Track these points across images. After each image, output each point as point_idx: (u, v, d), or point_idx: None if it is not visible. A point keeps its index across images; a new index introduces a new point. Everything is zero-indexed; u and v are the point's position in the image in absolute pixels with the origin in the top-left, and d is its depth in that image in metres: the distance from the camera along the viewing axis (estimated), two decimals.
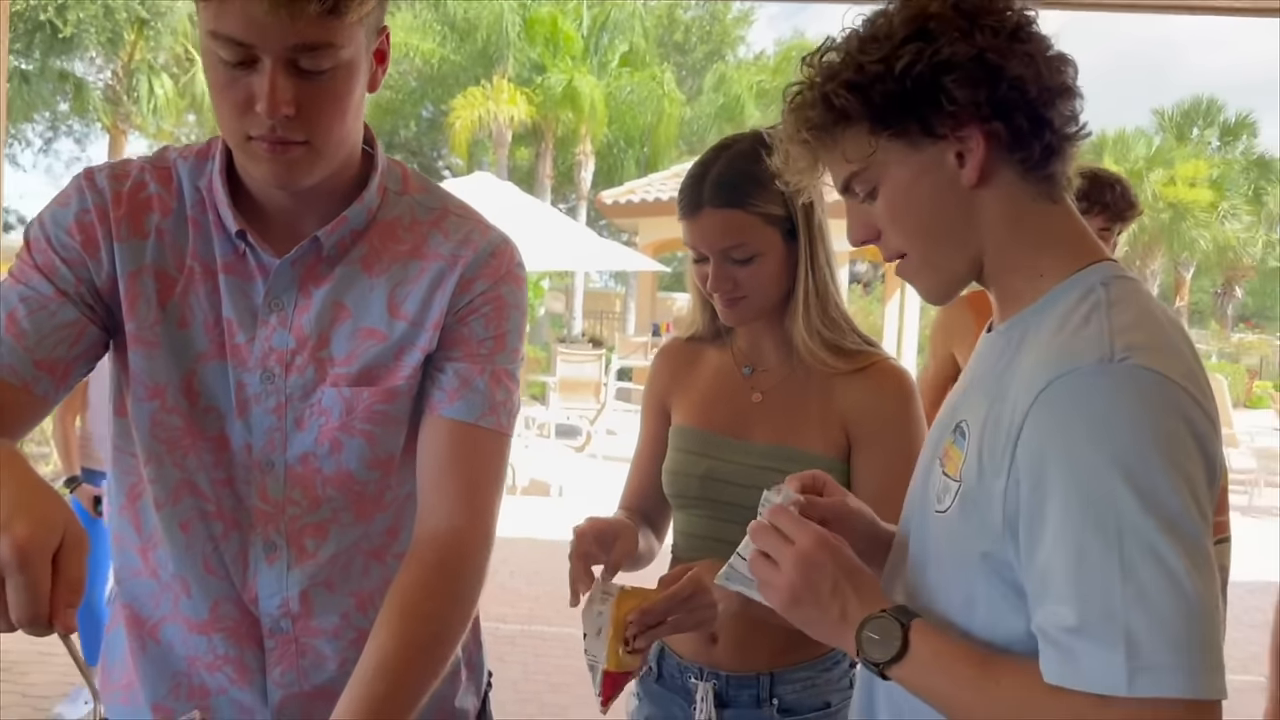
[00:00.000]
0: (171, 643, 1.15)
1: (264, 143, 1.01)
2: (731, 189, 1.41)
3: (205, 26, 0.99)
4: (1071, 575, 0.85)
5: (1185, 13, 3.87)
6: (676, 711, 1.57)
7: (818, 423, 1.47)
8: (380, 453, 1.13)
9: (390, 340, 1.12)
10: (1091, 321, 0.92)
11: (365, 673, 1.00)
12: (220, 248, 1.10)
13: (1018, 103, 0.94)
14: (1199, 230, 23.14)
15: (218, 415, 1.11)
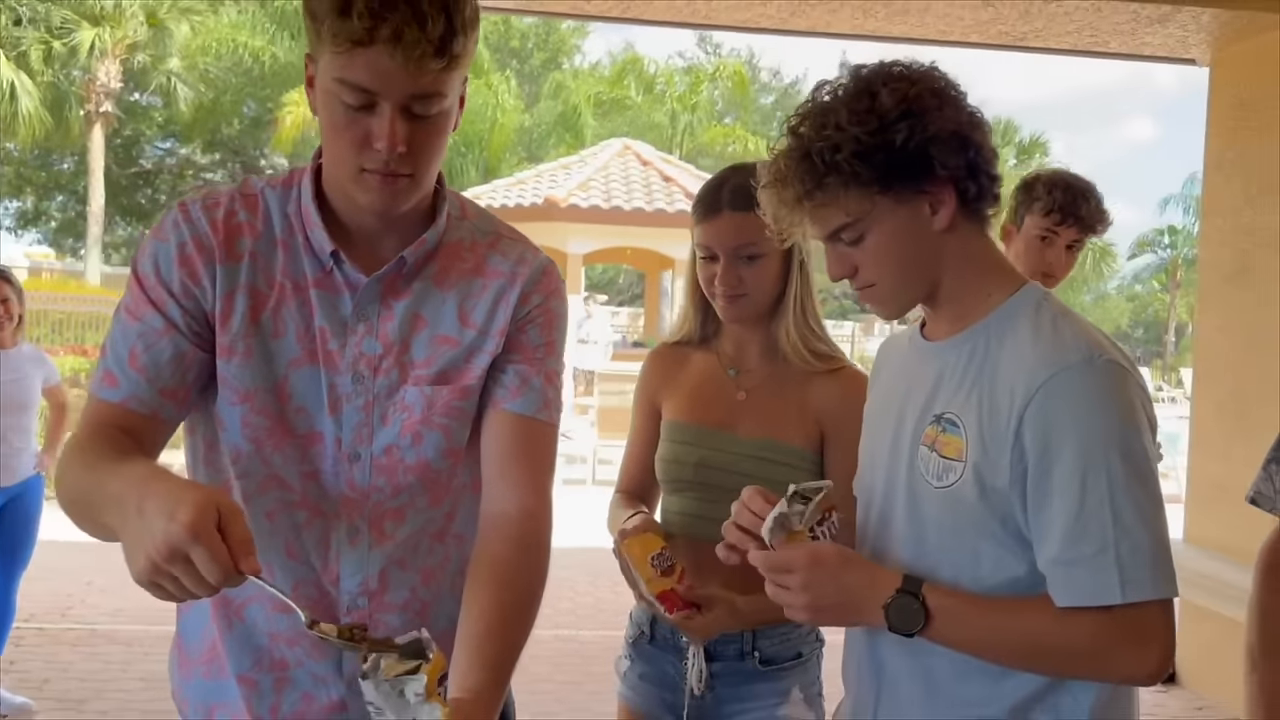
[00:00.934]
0: (255, 621, 1.28)
1: (377, 175, 1.16)
2: (747, 197, 1.57)
3: (332, 73, 1.13)
4: (1075, 522, 1.14)
5: (973, 47, 4.38)
6: (668, 668, 1.77)
7: (796, 418, 1.71)
8: (454, 444, 1.29)
9: (462, 345, 1.28)
10: (1061, 329, 1.21)
11: (475, 638, 1.15)
12: (310, 267, 1.25)
13: (979, 164, 1.23)
14: (996, 243, 25.03)
15: (308, 415, 1.25)
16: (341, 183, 1.21)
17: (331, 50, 1.11)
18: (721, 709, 1.74)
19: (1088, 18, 3.99)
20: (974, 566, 1.21)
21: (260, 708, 1.27)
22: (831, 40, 4.43)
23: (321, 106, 1.17)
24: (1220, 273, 4.41)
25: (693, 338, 1.84)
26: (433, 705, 0.98)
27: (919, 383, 1.31)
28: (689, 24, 4.38)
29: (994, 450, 1.18)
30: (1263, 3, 3.86)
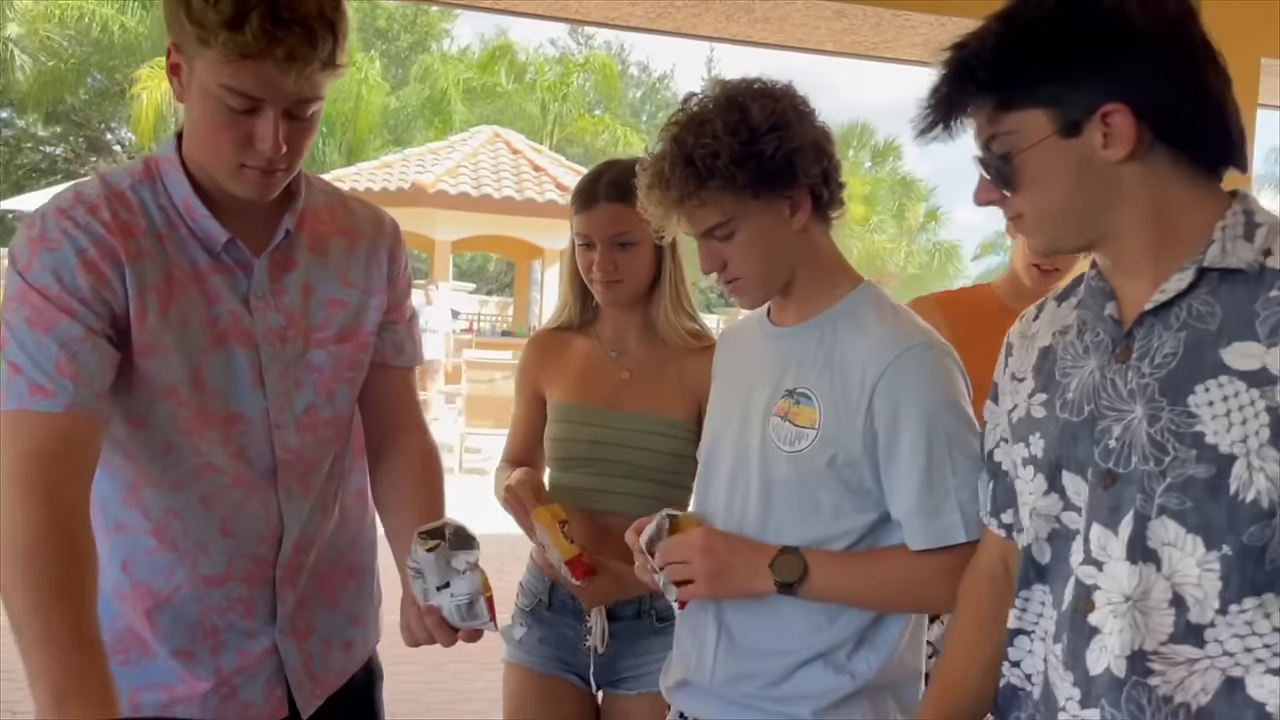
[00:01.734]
0: (186, 601, 1.37)
1: (257, 171, 1.26)
2: (622, 189, 1.76)
3: (217, 79, 1.19)
4: (925, 476, 1.36)
5: (826, 54, 4.65)
6: (567, 631, 1.92)
7: (677, 393, 1.88)
8: (356, 393, 1.47)
9: (350, 306, 1.43)
10: (900, 319, 1.45)
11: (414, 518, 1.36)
12: (200, 255, 1.32)
13: (830, 173, 1.44)
14: (853, 240, 26.05)
15: (225, 398, 1.33)
16: (217, 175, 1.29)
17: (220, 59, 1.17)
18: (619, 664, 1.90)
19: (932, 32, 4.27)
20: (816, 518, 1.42)
21: (201, 672, 1.38)
22: (698, 41, 4.61)
23: (198, 104, 1.23)
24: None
25: (573, 323, 1.97)
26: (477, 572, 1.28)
27: (769, 362, 1.51)
28: (558, 17, 4.49)
29: (846, 418, 1.39)
30: None
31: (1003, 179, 1.08)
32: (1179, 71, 1.01)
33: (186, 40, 1.20)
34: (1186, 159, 1.03)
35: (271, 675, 1.42)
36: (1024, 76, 1.03)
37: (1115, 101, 1.00)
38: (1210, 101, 1.03)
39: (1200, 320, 1.01)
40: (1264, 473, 0.96)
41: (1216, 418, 0.97)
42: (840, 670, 1.42)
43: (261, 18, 1.14)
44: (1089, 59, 1.01)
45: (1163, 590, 1.00)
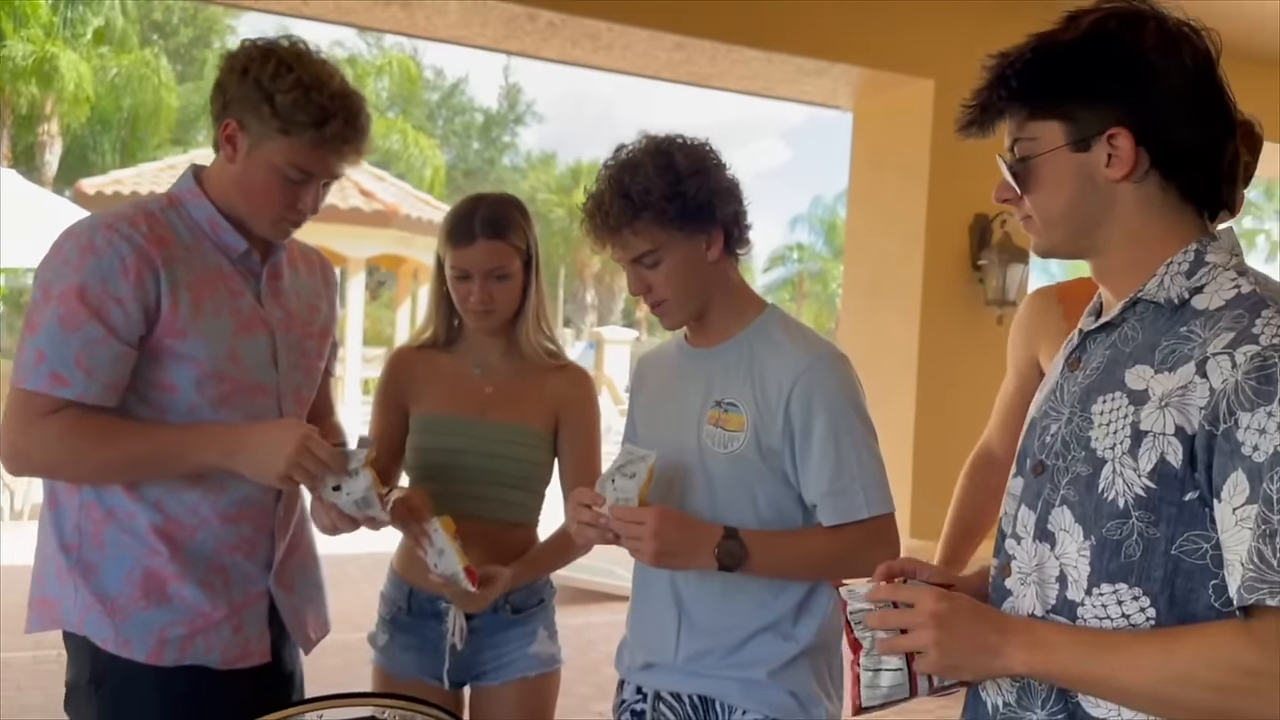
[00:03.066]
0: (207, 537, 1.66)
1: (291, 224, 1.68)
2: (497, 225, 1.96)
3: (286, 157, 1.59)
4: (832, 464, 1.61)
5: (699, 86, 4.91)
6: (428, 632, 2.01)
7: (537, 406, 2.04)
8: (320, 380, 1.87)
9: (321, 311, 1.84)
10: (807, 335, 1.75)
11: None
12: (222, 261, 1.67)
13: (740, 215, 1.69)
14: None
15: (253, 371, 1.68)
16: (256, 222, 1.67)
17: (297, 144, 1.58)
18: (479, 658, 2.01)
19: (761, 66, 4.60)
20: (753, 505, 1.67)
21: (219, 602, 1.66)
22: (546, 64, 4.73)
23: (259, 172, 1.61)
24: (859, 289, 5.21)
25: (439, 341, 2.09)
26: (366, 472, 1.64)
27: (694, 378, 1.74)
28: (407, 33, 4.49)
29: (768, 420, 1.64)
30: (896, 63, 4.66)
31: (1018, 180, 1.18)
32: (1183, 110, 1.11)
33: (261, 126, 1.59)
34: (1175, 191, 1.14)
35: (263, 619, 1.72)
36: (1048, 90, 1.14)
37: (1121, 126, 1.11)
38: (1206, 141, 1.13)
39: (1124, 343, 1.14)
40: (1123, 478, 1.07)
41: (1101, 425, 1.11)
42: (787, 638, 1.67)
43: (340, 125, 1.59)
44: (1105, 85, 1.12)
45: (1053, 567, 1.14)
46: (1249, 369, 1.00)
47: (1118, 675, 1.05)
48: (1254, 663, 0.98)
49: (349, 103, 1.61)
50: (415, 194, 14.25)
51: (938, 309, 4.79)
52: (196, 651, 1.64)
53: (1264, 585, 0.97)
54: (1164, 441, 1.05)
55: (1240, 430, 1.00)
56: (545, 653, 2.04)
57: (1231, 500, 1.00)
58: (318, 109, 1.56)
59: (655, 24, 4.14)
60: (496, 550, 1.94)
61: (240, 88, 1.59)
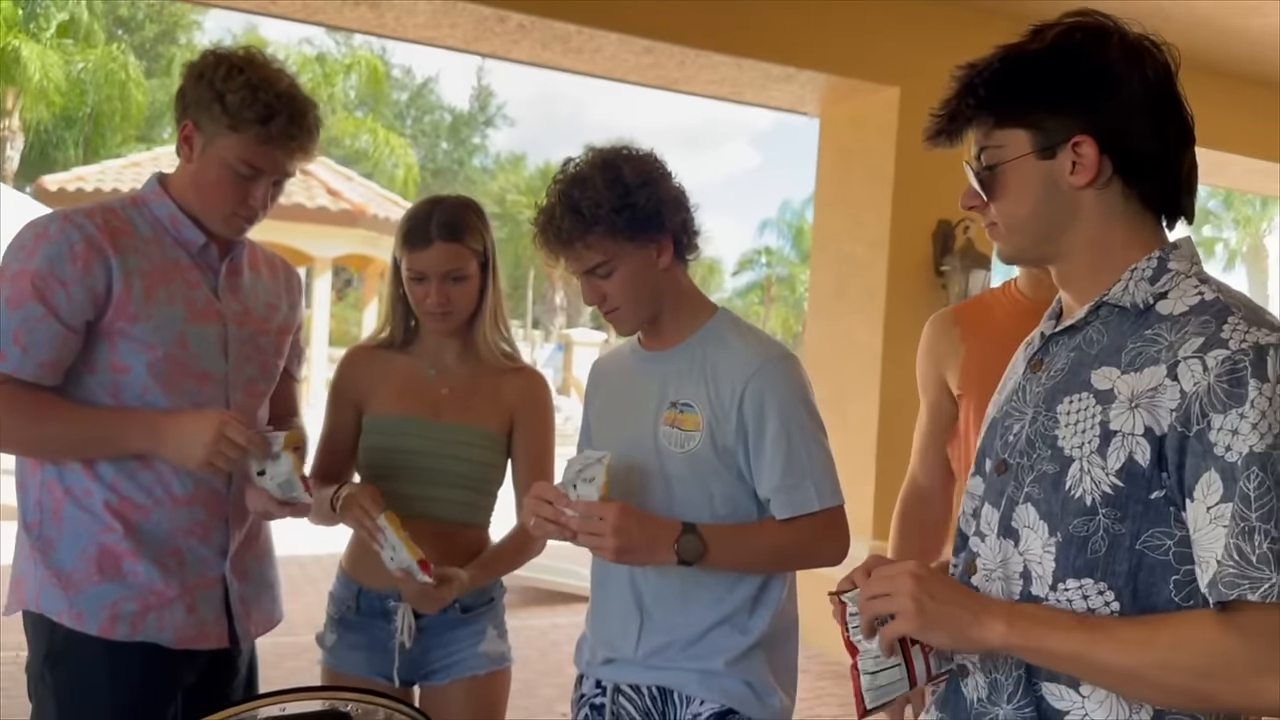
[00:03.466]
0: (161, 519, 1.72)
1: (243, 219, 1.76)
2: (453, 228, 1.98)
3: (236, 153, 1.68)
4: (784, 459, 1.66)
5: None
6: (377, 631, 2.02)
7: (492, 408, 2.06)
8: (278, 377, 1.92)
9: (280, 310, 1.92)
10: (758, 336, 1.80)
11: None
12: (181, 255, 1.76)
13: (688, 223, 1.74)
14: None
15: (200, 359, 1.74)
16: (209, 217, 1.76)
17: (245, 139, 1.68)
18: (428, 657, 2.02)
19: (730, 71, 4.63)
20: (710, 502, 1.71)
21: (172, 581, 1.72)
22: (516, 65, 4.74)
23: (212, 168, 1.71)
24: (825, 293, 5.26)
25: (395, 342, 2.10)
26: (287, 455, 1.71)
27: (649, 381, 1.78)
28: (375, 32, 4.49)
29: (722, 419, 1.70)
30: (862, 71, 4.71)
31: (985, 187, 1.21)
32: (1144, 119, 1.15)
33: (213, 124, 1.68)
34: (1136, 198, 1.18)
35: (219, 603, 1.78)
36: (1015, 99, 1.17)
37: (1086, 134, 1.14)
38: (1166, 150, 1.17)
39: (1089, 345, 1.17)
40: (1090, 475, 1.10)
41: (1068, 425, 1.13)
42: (744, 630, 1.72)
43: (285, 122, 1.68)
44: (1071, 94, 1.15)
45: (1017, 563, 1.16)
46: (1220, 373, 1.04)
47: (1098, 653, 1.07)
48: (1234, 650, 1.01)
49: (294, 103, 1.70)
50: (383, 194, 14.18)
51: (902, 313, 4.85)
52: (149, 628, 1.68)
53: (1245, 581, 1.00)
54: (1133, 441, 1.08)
55: (1213, 431, 1.03)
56: (494, 651, 2.06)
57: (1205, 499, 1.03)
58: (263, 106, 1.66)
59: (625, 28, 4.17)
60: (448, 551, 1.95)
61: (196, 90, 1.70)
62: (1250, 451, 1.01)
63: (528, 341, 26.19)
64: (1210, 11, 4.52)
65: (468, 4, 3.89)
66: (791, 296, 31.26)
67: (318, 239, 12.61)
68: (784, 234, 30.37)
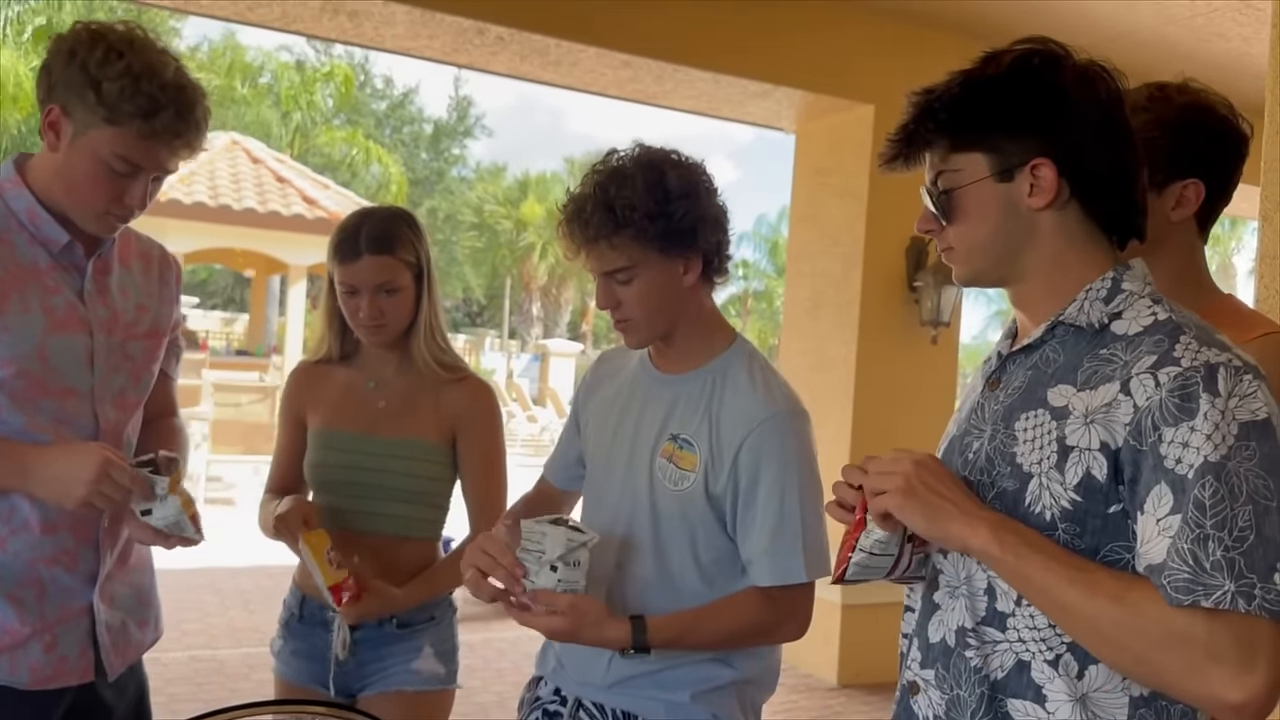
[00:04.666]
0: (20, 550, 1.55)
1: (116, 218, 1.57)
2: (382, 241, 1.94)
3: (112, 147, 1.49)
4: (774, 522, 1.56)
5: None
6: (317, 641, 2.01)
7: (432, 420, 2.02)
8: (152, 383, 1.74)
9: (152, 310, 1.72)
10: (770, 382, 1.66)
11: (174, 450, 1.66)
12: (40, 255, 1.57)
13: (723, 245, 1.65)
14: None
15: (61, 373, 1.56)
16: (79, 214, 1.57)
17: (123, 134, 1.49)
18: (363, 670, 2.00)
19: (708, 87, 4.67)
20: (694, 545, 1.62)
21: (28, 618, 1.55)
22: (493, 77, 4.74)
23: (82, 161, 1.51)
24: (800, 307, 5.29)
25: (333, 356, 2.08)
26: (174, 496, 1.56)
27: (655, 404, 1.69)
28: (355, 42, 4.49)
29: (718, 465, 1.60)
30: (838, 88, 4.76)
31: (942, 210, 1.22)
32: (1100, 143, 1.18)
33: (86, 113, 1.49)
34: (1094, 219, 1.20)
35: (85, 635, 1.61)
36: (974, 123, 1.19)
37: (1044, 157, 1.16)
38: (1121, 171, 1.20)
39: (1045, 364, 1.18)
40: (1049, 491, 1.11)
41: (1026, 442, 1.14)
42: (725, 664, 1.63)
43: (170, 117, 1.50)
44: (1028, 118, 1.17)
45: (980, 580, 1.17)
46: (1172, 388, 1.05)
47: (1068, 592, 1.06)
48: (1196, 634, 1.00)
49: (183, 95, 1.51)
50: (360, 202, 14.12)
51: (875, 328, 4.89)
52: (2, 664, 1.53)
53: (1199, 587, 1.00)
54: (1089, 456, 1.09)
55: (1164, 444, 1.04)
56: (429, 670, 2.01)
57: (1155, 511, 1.04)
58: (147, 99, 1.47)
59: (603, 42, 4.19)
60: (390, 565, 1.95)
61: (65, 72, 1.49)
62: (1205, 461, 1.02)
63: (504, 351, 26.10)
64: (1179, 37, 4.60)
65: (447, 16, 3.90)
66: (768, 309, 31.35)
67: (293, 247, 12.52)
68: (760, 248, 30.50)
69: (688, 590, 1.62)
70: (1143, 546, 1.06)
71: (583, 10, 4.11)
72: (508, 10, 3.96)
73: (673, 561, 1.62)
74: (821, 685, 4.87)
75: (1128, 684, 1.11)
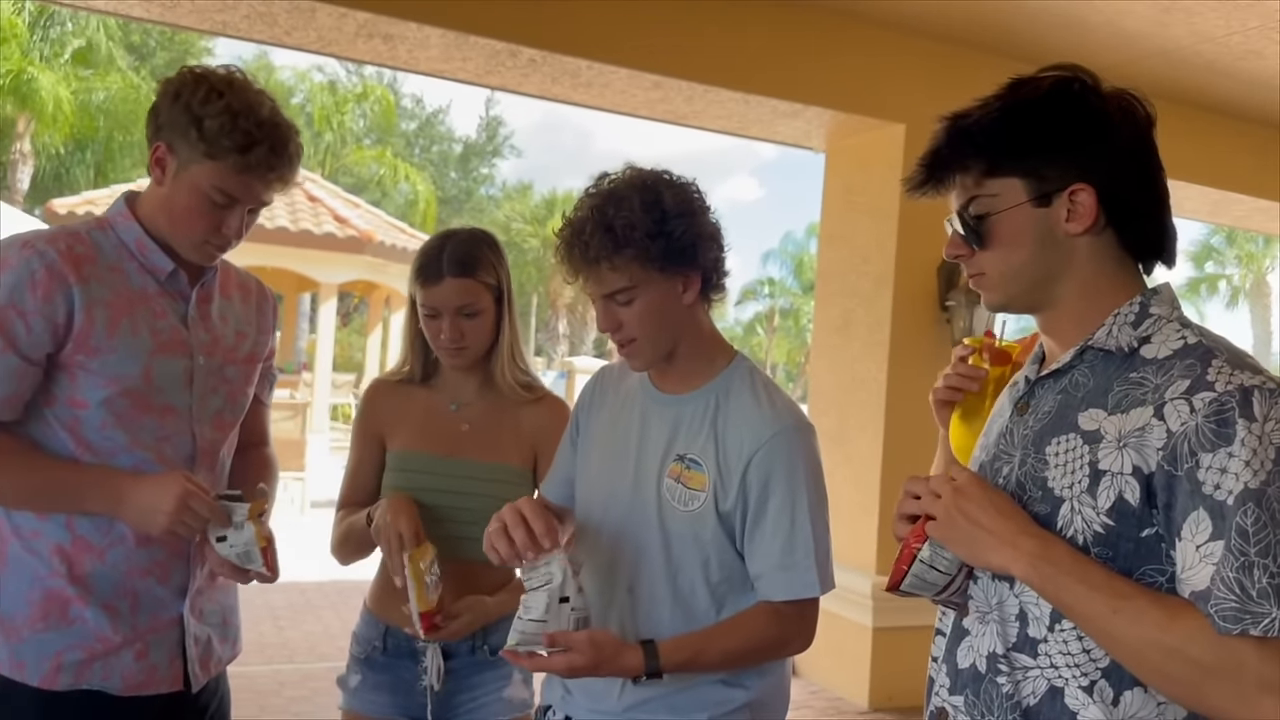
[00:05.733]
0: (117, 560, 1.64)
1: (215, 247, 1.70)
2: (465, 263, 1.95)
3: (212, 180, 1.61)
4: (785, 537, 1.56)
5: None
6: (404, 674, 1.99)
7: (513, 443, 2.03)
8: (247, 406, 1.86)
9: (250, 338, 1.84)
10: (775, 398, 1.66)
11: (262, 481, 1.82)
12: (148, 282, 1.68)
13: (720, 262, 1.64)
14: None
15: (164, 392, 1.67)
16: (181, 244, 1.68)
17: (221, 168, 1.60)
18: (454, 699, 1.99)
19: (737, 107, 4.68)
20: (705, 565, 1.62)
21: (121, 627, 1.64)
22: (523, 98, 4.77)
23: (184, 194, 1.63)
24: (830, 327, 5.27)
25: (415, 377, 2.09)
26: (250, 526, 1.63)
27: (658, 425, 1.69)
28: (387, 64, 4.54)
29: (727, 483, 1.60)
30: (868, 107, 4.75)
31: (976, 236, 1.21)
32: (1138, 167, 1.18)
33: (188, 149, 1.60)
34: (1128, 245, 1.20)
35: (174, 646, 1.70)
36: (1013, 148, 1.18)
37: (1083, 182, 1.16)
38: (1157, 198, 1.20)
39: (1075, 388, 1.19)
40: (1081, 515, 1.11)
41: (1058, 466, 1.15)
42: (735, 685, 1.63)
43: (265, 152, 1.61)
44: (1068, 143, 1.17)
45: (1013, 605, 1.17)
46: (1207, 413, 1.05)
47: (1114, 620, 1.06)
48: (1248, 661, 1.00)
49: (276, 131, 1.62)
50: (390, 221, 14.27)
51: (906, 348, 4.86)
52: (94, 676, 1.60)
53: (1247, 616, 1.00)
54: (1122, 480, 1.09)
55: (1201, 470, 1.04)
56: (518, 697, 2.02)
57: (1194, 538, 1.04)
58: (243, 134, 1.59)
59: (634, 63, 4.21)
60: (473, 590, 1.94)
61: (171, 111, 1.61)
62: (1245, 489, 1.02)
63: None
64: (1214, 54, 4.56)
65: (480, 39, 3.94)
66: (795, 327, 31.26)
67: (324, 265, 12.66)
68: (786, 265, 30.45)
69: (699, 609, 1.62)
70: (1184, 572, 1.06)
71: (614, 32, 4.14)
72: (540, 33, 4.00)
73: (684, 581, 1.62)
74: (853, 708, 4.82)
75: (1163, 710, 1.11)
